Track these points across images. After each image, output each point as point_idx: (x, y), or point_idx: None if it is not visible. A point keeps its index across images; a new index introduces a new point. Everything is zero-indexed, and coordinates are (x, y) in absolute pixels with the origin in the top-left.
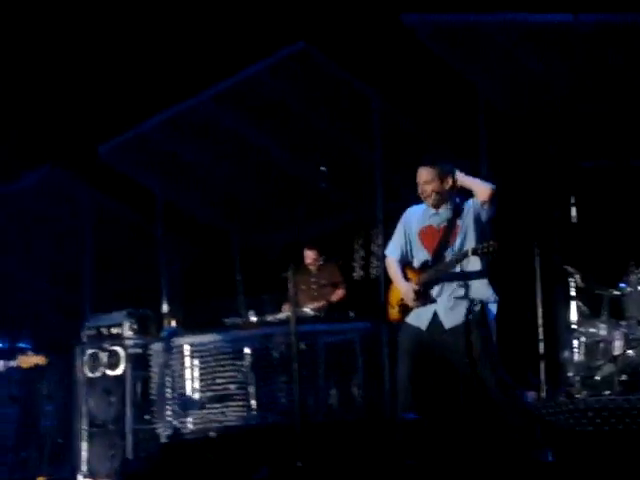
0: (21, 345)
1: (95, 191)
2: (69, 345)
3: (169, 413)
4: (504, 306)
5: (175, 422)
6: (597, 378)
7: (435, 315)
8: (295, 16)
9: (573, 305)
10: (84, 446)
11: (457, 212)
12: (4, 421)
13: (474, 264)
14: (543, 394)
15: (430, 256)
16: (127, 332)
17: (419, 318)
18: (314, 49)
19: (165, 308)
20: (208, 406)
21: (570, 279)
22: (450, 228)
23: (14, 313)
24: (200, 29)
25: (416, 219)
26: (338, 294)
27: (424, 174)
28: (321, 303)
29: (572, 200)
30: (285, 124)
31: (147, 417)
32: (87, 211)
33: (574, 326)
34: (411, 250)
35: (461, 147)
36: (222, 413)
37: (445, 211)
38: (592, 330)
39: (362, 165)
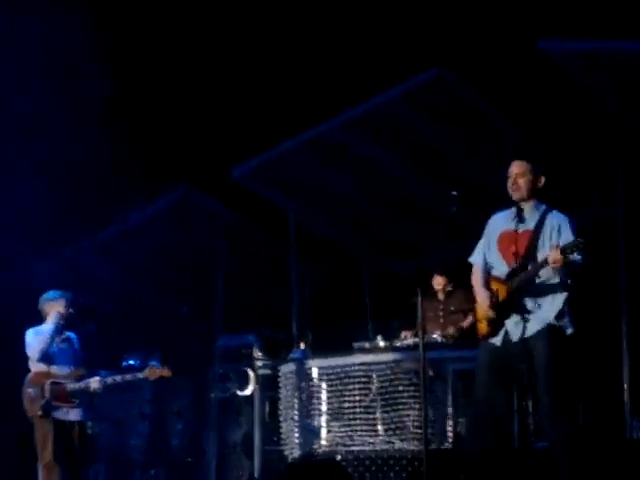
0: (152, 363)
1: (229, 212)
2: (200, 365)
3: (297, 435)
4: (637, 339)
5: (302, 444)
6: None
7: (507, 328)
8: (430, 42)
9: None
10: (213, 466)
11: (542, 220)
12: (134, 437)
13: (551, 278)
14: None
15: (510, 262)
16: (257, 353)
17: (496, 333)
18: (448, 75)
19: (295, 330)
20: (335, 429)
21: None
22: (534, 234)
23: (147, 332)
24: (336, 55)
25: (499, 224)
26: (469, 320)
27: (518, 166)
28: (450, 329)
29: None
30: (418, 151)
31: (275, 438)
32: (220, 232)
33: None
34: (491, 256)
35: (597, 180)
36: (349, 437)
37: (530, 215)
38: None
39: (492, 192)
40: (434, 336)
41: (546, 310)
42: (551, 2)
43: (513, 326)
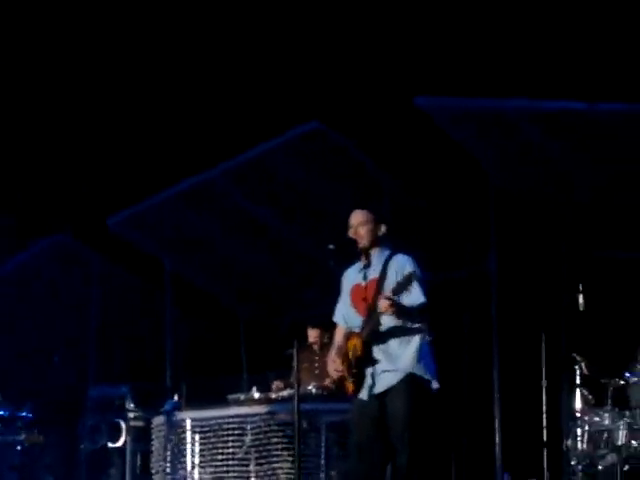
0: (22, 414)
1: (104, 260)
2: (71, 416)
3: None
4: (509, 390)
5: None
6: (600, 468)
7: (368, 382)
8: (310, 96)
9: (578, 393)
10: None
11: (385, 265)
12: None
13: (394, 325)
14: None
15: (363, 315)
16: (129, 404)
17: (361, 388)
18: (327, 128)
19: (168, 381)
20: None
21: (576, 367)
22: (379, 281)
23: (17, 382)
24: (213, 105)
25: (351, 278)
26: None
27: (359, 215)
28: (325, 382)
29: (580, 288)
30: (295, 203)
31: None
32: (95, 279)
33: (578, 414)
34: (348, 311)
35: (472, 231)
36: None
37: (375, 264)
38: (596, 419)
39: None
40: (309, 388)
41: (399, 362)
42: (428, 61)
43: (371, 379)
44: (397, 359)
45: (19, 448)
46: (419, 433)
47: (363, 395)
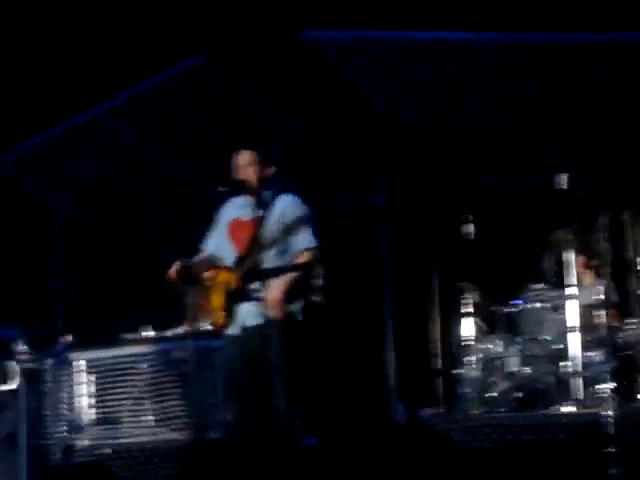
0: None
1: None
2: None
3: (63, 429)
4: (402, 321)
5: (70, 438)
6: (493, 394)
7: (242, 316)
8: (195, 30)
9: (470, 321)
10: None
11: (269, 205)
12: None
13: (276, 262)
14: (440, 410)
15: (240, 251)
16: (21, 346)
17: (232, 323)
18: (214, 64)
19: (60, 323)
20: (102, 423)
21: (467, 295)
22: (261, 220)
23: None
24: (98, 40)
25: (227, 211)
26: None
27: (246, 156)
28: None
29: (470, 217)
30: (185, 140)
31: (42, 432)
32: None
33: (470, 342)
34: (222, 245)
35: (361, 162)
36: (117, 430)
37: (260, 203)
38: (488, 346)
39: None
40: (205, 324)
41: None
42: None
43: (246, 314)
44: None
45: None
46: (296, 370)
47: (236, 330)
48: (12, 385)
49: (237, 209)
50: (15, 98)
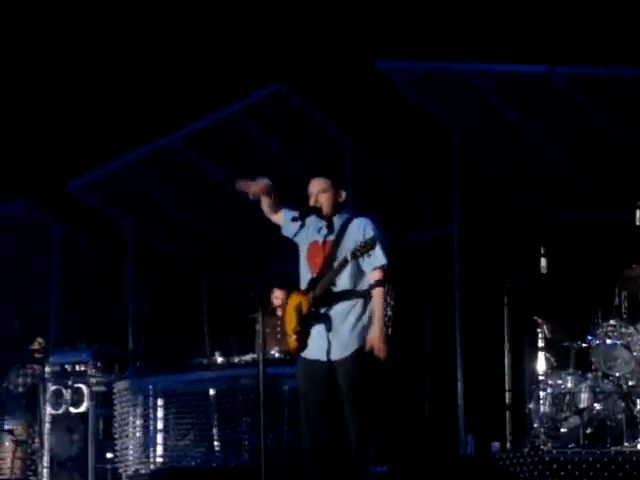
0: None
1: (65, 226)
2: (33, 381)
3: (131, 452)
4: (472, 353)
5: (137, 462)
6: (563, 430)
7: (315, 340)
8: (272, 59)
9: (540, 356)
10: None
11: (343, 228)
12: None
13: (347, 286)
14: (508, 445)
15: (314, 272)
16: (91, 369)
17: (305, 347)
18: (289, 91)
19: (131, 347)
20: (171, 446)
21: (538, 330)
22: (337, 244)
23: None
24: (177, 68)
25: (308, 230)
26: None
27: (319, 183)
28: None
29: (542, 251)
30: (257, 165)
31: (109, 456)
32: (56, 246)
33: (541, 377)
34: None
35: (434, 194)
36: (184, 454)
37: (331, 225)
38: (559, 382)
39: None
40: (272, 352)
41: (352, 327)
42: (389, 24)
43: (318, 339)
44: (349, 325)
45: None
46: (370, 403)
47: (310, 354)
48: (82, 408)
49: (315, 232)
50: (94, 124)
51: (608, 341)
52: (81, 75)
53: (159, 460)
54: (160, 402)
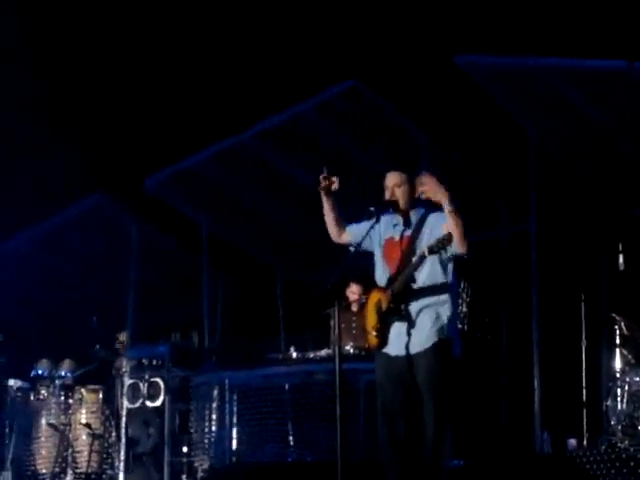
0: (62, 374)
1: (141, 222)
2: (110, 375)
3: (206, 447)
4: (548, 350)
5: (212, 456)
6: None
7: (395, 336)
8: (347, 55)
9: (618, 353)
10: (121, 476)
11: (420, 223)
12: (44, 448)
13: (428, 281)
14: (585, 442)
15: (392, 270)
16: (168, 364)
17: (386, 343)
18: (364, 87)
19: (207, 341)
20: (247, 441)
21: (615, 326)
22: (412, 239)
23: (57, 343)
24: (251, 65)
25: (382, 226)
26: None
27: (395, 177)
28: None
29: (620, 247)
30: (332, 161)
31: (185, 450)
32: (133, 242)
33: (618, 374)
34: (374, 261)
35: (510, 190)
36: (260, 449)
37: (408, 221)
38: (636, 379)
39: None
40: (346, 348)
41: (432, 324)
42: (467, 18)
43: (398, 335)
44: (430, 320)
45: (62, 407)
46: (448, 397)
47: (389, 350)
48: (158, 402)
49: (389, 228)
50: (171, 121)
51: None
52: (161, 74)
53: (234, 454)
54: (235, 397)
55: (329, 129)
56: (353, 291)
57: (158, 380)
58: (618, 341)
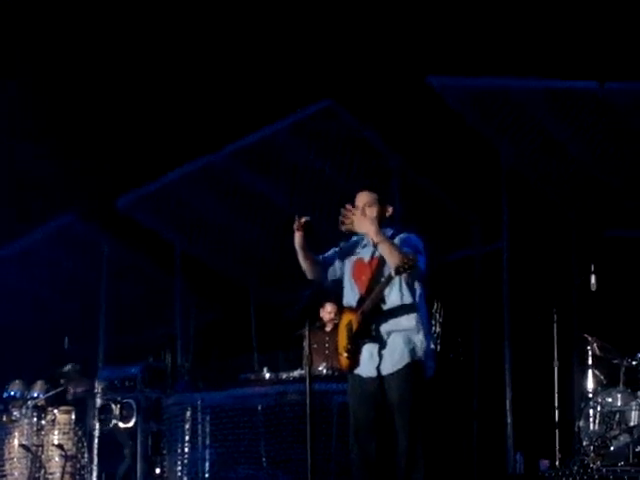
0: (34, 395)
1: (114, 241)
2: (82, 396)
3: (179, 468)
4: (520, 371)
5: (185, 477)
6: (612, 448)
7: (366, 357)
8: (320, 75)
9: (590, 373)
10: None
11: None
12: (16, 469)
13: (397, 302)
14: (557, 463)
15: (361, 290)
16: (140, 385)
17: (358, 364)
18: (339, 107)
19: (179, 362)
20: (219, 462)
21: (587, 347)
22: (383, 260)
23: (29, 364)
24: (227, 84)
25: (351, 248)
26: None
27: (366, 196)
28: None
29: (592, 268)
30: (306, 182)
31: (158, 471)
32: (104, 261)
33: (590, 395)
34: (342, 281)
35: (483, 211)
36: (233, 470)
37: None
38: (608, 400)
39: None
40: (320, 368)
41: (401, 344)
42: (439, 40)
43: (369, 356)
44: (401, 341)
45: (34, 429)
46: (421, 418)
47: (361, 372)
48: (130, 423)
49: (359, 248)
50: (144, 140)
51: None
52: (134, 94)
53: (207, 476)
54: (208, 417)
55: (304, 149)
56: (328, 311)
57: (130, 401)
58: (590, 362)
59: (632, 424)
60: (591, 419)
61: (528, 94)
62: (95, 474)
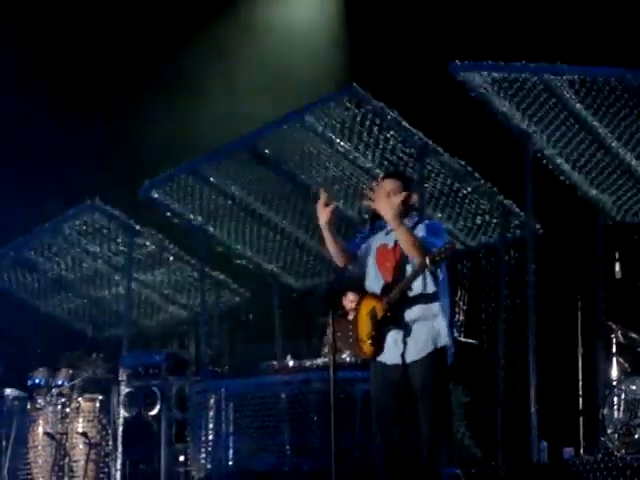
0: (59, 383)
1: (137, 228)
2: (106, 384)
3: (203, 455)
4: (544, 359)
5: (209, 465)
6: (636, 436)
7: (390, 345)
8: (346, 61)
9: (614, 361)
10: None
11: (414, 229)
12: (40, 457)
13: (422, 290)
14: (581, 451)
15: (386, 277)
16: (165, 372)
17: (381, 352)
18: (363, 93)
19: (203, 350)
20: (243, 450)
21: (612, 335)
22: None
23: (52, 350)
24: (248, 69)
25: (374, 236)
26: None
27: (390, 184)
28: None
29: (617, 255)
30: (330, 167)
31: (182, 459)
32: (128, 249)
33: (614, 383)
34: (368, 269)
35: (508, 197)
36: (256, 457)
37: None
38: (632, 387)
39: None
40: (343, 356)
41: (424, 331)
42: (464, 27)
43: (394, 344)
44: (425, 329)
45: (58, 416)
46: (443, 405)
47: (385, 359)
48: (154, 411)
49: (383, 235)
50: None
51: None
52: (154, 82)
53: (230, 464)
54: (232, 405)
55: (327, 134)
56: (350, 300)
57: (154, 389)
58: (615, 349)
59: None
60: (615, 407)
61: (554, 80)
62: (119, 462)
